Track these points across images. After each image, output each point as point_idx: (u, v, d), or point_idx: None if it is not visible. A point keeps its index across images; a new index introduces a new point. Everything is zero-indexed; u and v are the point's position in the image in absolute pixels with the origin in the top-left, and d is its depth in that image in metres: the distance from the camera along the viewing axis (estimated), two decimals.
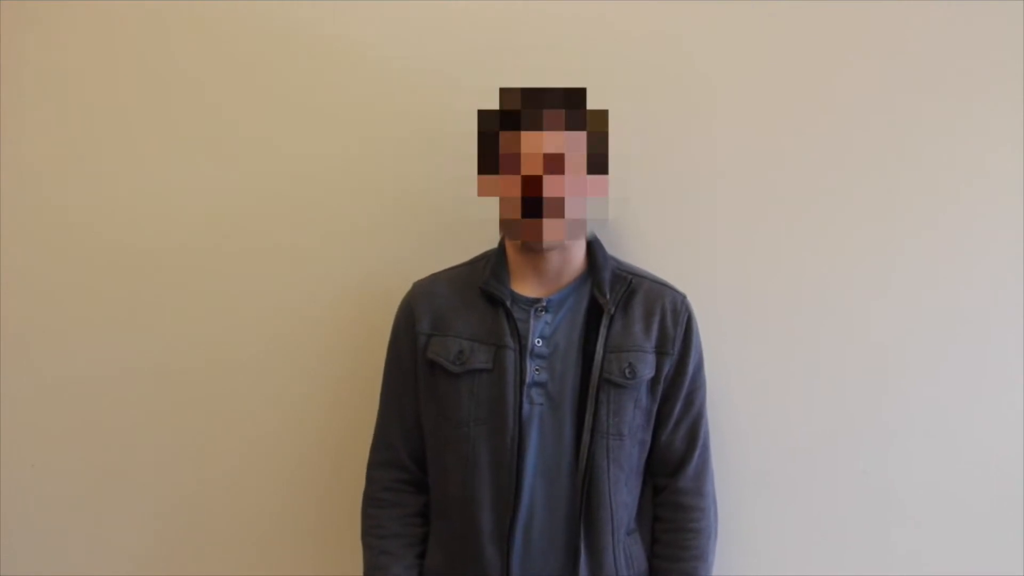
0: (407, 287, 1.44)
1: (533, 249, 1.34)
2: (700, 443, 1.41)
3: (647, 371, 1.35)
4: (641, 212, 1.55)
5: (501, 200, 1.32)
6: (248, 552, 1.63)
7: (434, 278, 1.44)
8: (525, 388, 1.33)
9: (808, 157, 1.55)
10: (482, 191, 1.33)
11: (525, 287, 1.38)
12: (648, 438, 1.39)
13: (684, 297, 1.41)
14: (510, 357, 1.33)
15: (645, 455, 1.39)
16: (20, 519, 1.67)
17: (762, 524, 1.54)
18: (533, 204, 1.28)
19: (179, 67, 1.63)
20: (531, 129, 1.29)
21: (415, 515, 1.41)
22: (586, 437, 1.32)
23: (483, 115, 1.33)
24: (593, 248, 1.39)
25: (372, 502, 1.42)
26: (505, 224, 1.33)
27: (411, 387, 1.40)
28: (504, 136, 1.30)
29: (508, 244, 1.39)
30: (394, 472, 1.42)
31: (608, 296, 1.35)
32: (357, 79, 1.59)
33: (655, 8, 1.55)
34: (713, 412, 1.45)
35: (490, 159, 1.32)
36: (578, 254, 1.38)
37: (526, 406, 1.32)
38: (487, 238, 1.41)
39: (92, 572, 1.66)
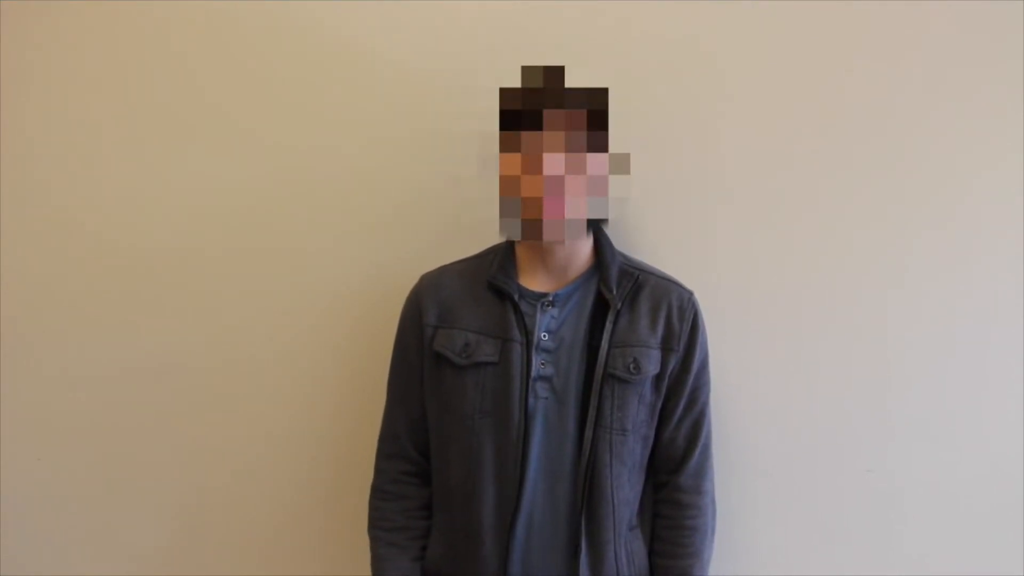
0: (413, 284, 1.44)
1: (535, 245, 1.34)
2: (701, 442, 1.40)
3: (651, 367, 1.35)
4: (644, 210, 1.54)
5: (501, 200, 1.32)
6: (254, 551, 1.65)
7: (442, 270, 1.44)
8: (530, 382, 1.32)
9: (811, 156, 1.54)
10: (482, 191, 1.33)
11: (533, 281, 1.38)
12: (651, 434, 1.39)
13: (691, 294, 1.40)
14: (516, 351, 1.33)
15: (648, 451, 1.39)
16: (22, 518, 1.68)
17: (765, 523, 1.54)
18: (533, 204, 1.29)
19: (183, 67, 1.62)
20: (531, 129, 1.28)
21: (420, 507, 1.42)
22: (589, 432, 1.32)
23: (504, 93, 1.32)
24: (601, 243, 1.39)
25: (378, 494, 1.43)
26: (505, 224, 1.33)
27: (417, 379, 1.41)
28: (504, 136, 1.30)
29: None
30: (400, 463, 1.42)
31: (614, 291, 1.35)
32: (362, 78, 1.59)
33: (657, 8, 1.54)
34: (716, 410, 1.45)
35: (512, 138, 1.30)
36: (585, 249, 1.38)
37: (531, 400, 1.32)
38: (494, 234, 1.40)
39: (96, 572, 1.67)
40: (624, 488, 1.35)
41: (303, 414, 1.63)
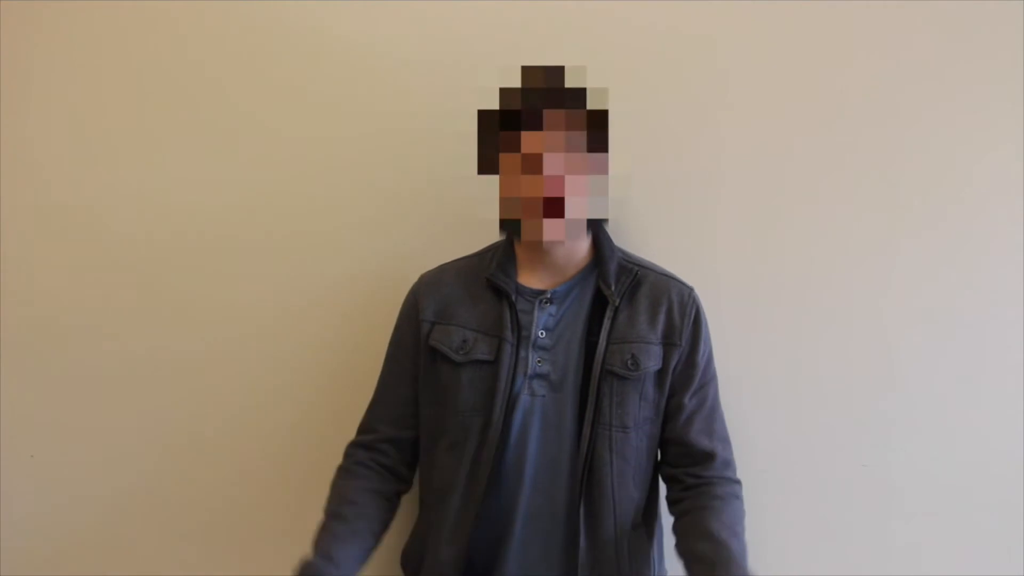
0: (413, 282, 1.44)
1: (534, 243, 1.34)
2: (718, 436, 1.38)
3: (652, 363, 1.34)
4: (645, 207, 1.55)
5: (501, 200, 1.32)
6: (253, 549, 1.65)
7: (442, 269, 1.44)
8: (527, 380, 1.32)
9: (810, 155, 1.55)
10: (481, 191, 1.33)
11: (531, 279, 1.38)
12: (658, 432, 1.37)
13: (692, 290, 1.40)
14: (508, 350, 1.33)
15: (655, 449, 1.38)
16: (20, 516, 1.68)
17: (762, 517, 1.52)
18: (533, 204, 1.29)
19: (181, 65, 1.62)
20: (531, 129, 1.28)
21: (379, 493, 1.38)
22: (587, 429, 1.31)
23: (483, 115, 1.32)
24: (600, 239, 1.39)
25: (339, 473, 1.40)
26: (505, 224, 1.33)
27: (408, 376, 1.40)
28: (504, 136, 1.30)
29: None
30: (371, 453, 1.40)
31: (613, 288, 1.35)
32: (362, 77, 1.59)
33: (657, 8, 1.55)
34: None
35: (490, 159, 1.32)
36: (584, 246, 1.38)
37: (527, 398, 1.32)
38: (492, 233, 1.40)
39: (92, 571, 1.67)
40: (627, 486, 1.33)
41: (302, 412, 1.63)
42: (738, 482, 1.38)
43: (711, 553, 1.25)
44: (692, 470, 1.36)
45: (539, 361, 1.34)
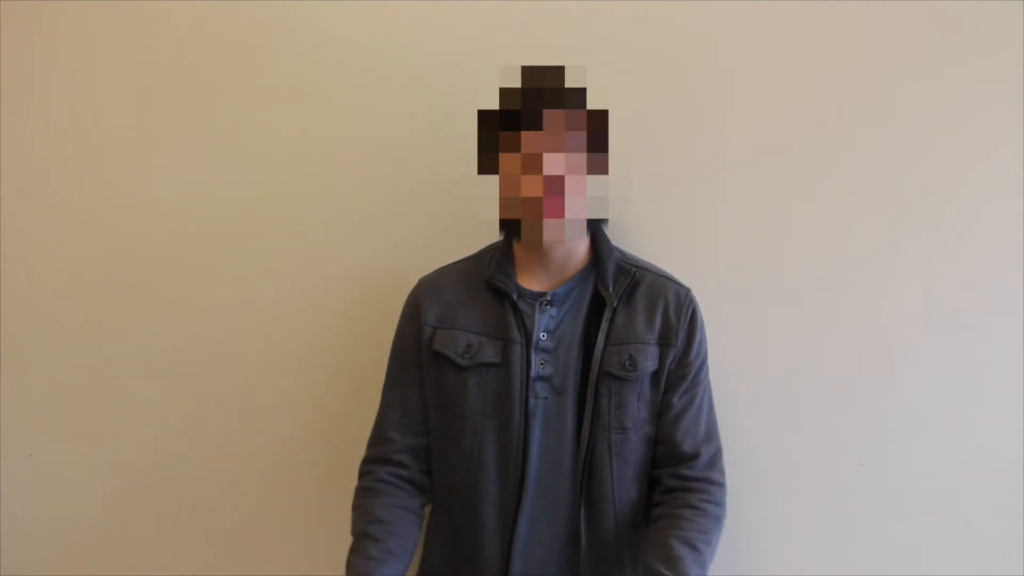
0: (413, 282, 1.44)
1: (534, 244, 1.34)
2: (705, 438, 1.36)
3: (649, 363, 1.34)
4: (645, 207, 1.54)
5: (501, 200, 1.32)
6: (254, 548, 1.65)
7: (441, 272, 1.44)
8: (530, 382, 1.33)
9: (810, 155, 1.55)
10: (481, 191, 1.33)
11: (530, 280, 1.38)
12: (654, 433, 1.37)
13: (689, 291, 1.40)
14: (517, 352, 1.33)
15: (652, 451, 1.37)
16: (19, 515, 1.68)
17: (759, 517, 1.55)
18: (533, 204, 1.29)
19: (186, 64, 1.62)
20: (531, 129, 1.28)
21: (404, 508, 1.36)
22: (586, 430, 1.32)
23: (483, 115, 1.33)
24: (598, 240, 1.39)
25: (361, 492, 1.38)
26: (505, 224, 1.34)
27: (415, 380, 1.40)
28: (504, 136, 1.30)
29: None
30: (390, 468, 1.38)
31: (611, 289, 1.35)
32: (361, 77, 1.60)
33: (657, 8, 1.55)
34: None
35: (490, 159, 1.32)
36: (583, 246, 1.38)
37: (531, 400, 1.32)
38: (492, 233, 1.41)
39: (95, 570, 1.66)
40: (628, 487, 1.34)
41: (302, 412, 1.63)
42: (720, 484, 1.36)
43: (662, 569, 1.25)
44: (673, 469, 1.35)
45: (542, 364, 1.34)
